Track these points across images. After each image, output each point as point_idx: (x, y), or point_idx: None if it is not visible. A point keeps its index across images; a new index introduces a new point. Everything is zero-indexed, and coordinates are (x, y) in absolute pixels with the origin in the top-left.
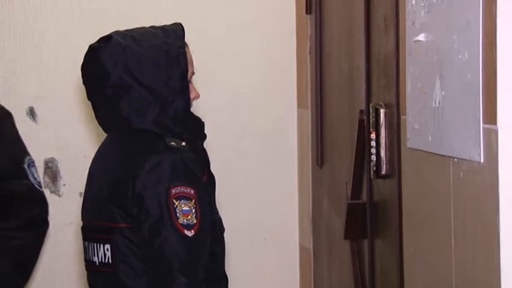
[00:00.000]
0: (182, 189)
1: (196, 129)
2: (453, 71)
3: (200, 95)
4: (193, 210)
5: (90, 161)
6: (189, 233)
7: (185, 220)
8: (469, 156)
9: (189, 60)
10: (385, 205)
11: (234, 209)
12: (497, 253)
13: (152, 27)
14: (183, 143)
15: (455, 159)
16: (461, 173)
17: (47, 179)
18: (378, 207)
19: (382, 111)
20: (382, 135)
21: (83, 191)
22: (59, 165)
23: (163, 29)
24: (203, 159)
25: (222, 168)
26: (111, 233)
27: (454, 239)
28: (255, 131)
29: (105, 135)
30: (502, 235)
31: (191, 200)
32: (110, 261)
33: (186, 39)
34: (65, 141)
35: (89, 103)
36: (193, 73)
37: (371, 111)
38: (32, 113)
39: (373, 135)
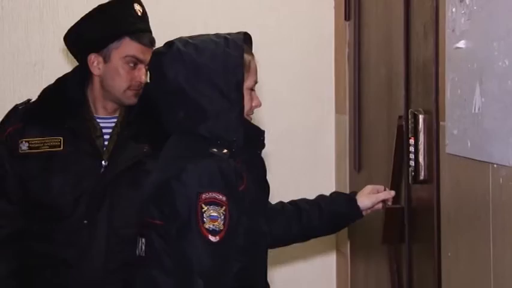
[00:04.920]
0: (213, 194)
1: (254, 137)
2: (493, 78)
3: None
4: (222, 217)
5: None
6: (213, 239)
7: (211, 225)
8: (508, 162)
9: (253, 69)
10: (423, 210)
11: None
12: None
13: (216, 35)
14: (225, 150)
15: (495, 165)
16: (501, 179)
17: None
18: (416, 212)
19: (421, 117)
20: (420, 140)
21: None
22: None
23: (225, 38)
24: (260, 167)
25: None
26: (147, 228)
27: (492, 245)
28: (293, 137)
29: None
30: None
31: (221, 207)
32: (144, 254)
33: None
34: None
35: None
36: (256, 82)
37: (410, 117)
38: None
39: (411, 141)
